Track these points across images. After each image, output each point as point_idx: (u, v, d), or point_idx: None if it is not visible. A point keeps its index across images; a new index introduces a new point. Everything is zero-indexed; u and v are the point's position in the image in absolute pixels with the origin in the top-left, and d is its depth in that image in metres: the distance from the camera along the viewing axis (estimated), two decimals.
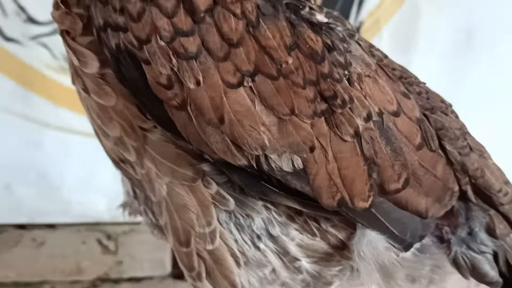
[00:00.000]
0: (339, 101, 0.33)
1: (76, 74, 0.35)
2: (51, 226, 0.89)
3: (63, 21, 0.33)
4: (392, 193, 0.36)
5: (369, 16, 0.85)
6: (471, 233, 0.41)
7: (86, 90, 0.34)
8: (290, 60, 0.32)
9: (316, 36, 0.33)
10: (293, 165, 0.34)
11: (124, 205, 0.47)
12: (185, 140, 0.33)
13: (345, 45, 0.34)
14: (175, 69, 0.31)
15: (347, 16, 0.84)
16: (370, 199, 0.36)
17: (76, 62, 0.33)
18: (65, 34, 0.33)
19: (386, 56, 0.41)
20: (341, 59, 0.34)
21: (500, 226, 0.41)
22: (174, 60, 0.31)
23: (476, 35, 0.87)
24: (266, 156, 0.33)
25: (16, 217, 0.86)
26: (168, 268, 0.92)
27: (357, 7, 0.85)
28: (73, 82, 0.37)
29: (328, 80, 0.33)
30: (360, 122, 0.34)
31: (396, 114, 0.36)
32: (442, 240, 0.41)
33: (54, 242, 0.89)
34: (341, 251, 0.39)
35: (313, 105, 0.33)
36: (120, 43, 0.30)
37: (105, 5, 0.30)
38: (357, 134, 0.34)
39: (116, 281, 0.92)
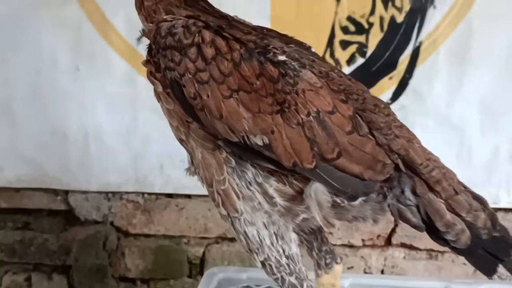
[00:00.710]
0: (287, 104, 0.55)
1: (155, 92, 0.62)
2: (188, 196, 1.21)
3: (147, 65, 0.61)
4: (330, 160, 0.56)
5: (427, 37, 1.04)
6: (402, 191, 0.59)
7: (159, 99, 0.61)
8: (258, 83, 0.54)
9: (274, 68, 0.55)
10: (263, 142, 0.56)
11: (187, 169, 0.69)
12: (205, 127, 0.57)
13: (295, 72, 0.55)
14: (197, 89, 0.55)
15: (408, 38, 1.05)
16: (314, 163, 0.56)
17: (153, 86, 0.61)
18: (148, 72, 0.61)
19: (341, 76, 0.61)
20: (290, 81, 0.55)
21: (421, 188, 0.58)
22: (196, 85, 0.55)
23: None
24: (248, 136, 0.56)
25: (166, 189, 1.20)
26: None
27: (417, 30, 1.05)
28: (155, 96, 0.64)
29: (281, 93, 0.55)
30: (302, 117, 0.55)
31: (331, 112, 0.56)
32: (384, 196, 0.59)
33: (190, 208, 1.23)
34: (300, 195, 0.59)
35: (271, 107, 0.55)
36: (172, 76, 0.56)
37: (164, 57, 0.57)
38: (299, 124, 0.55)
39: (231, 239, 1.24)
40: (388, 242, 1.15)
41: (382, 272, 1.16)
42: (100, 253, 1.25)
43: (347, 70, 1.07)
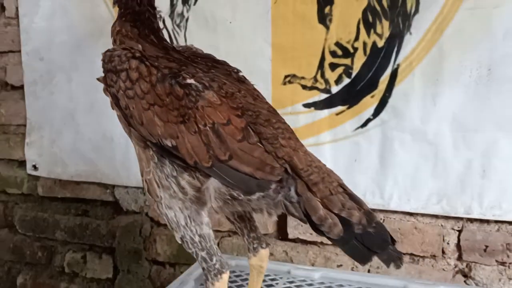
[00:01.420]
0: (187, 117, 0.71)
1: (110, 102, 0.80)
2: None
3: (102, 82, 0.79)
4: (224, 161, 0.71)
5: (404, 60, 1.16)
6: (289, 190, 0.72)
7: (113, 108, 0.79)
8: (167, 99, 0.72)
9: (181, 89, 0.72)
10: (172, 144, 0.72)
11: None
12: (137, 131, 0.75)
13: (198, 92, 0.71)
14: (127, 102, 0.74)
15: (388, 61, 1.18)
16: (210, 163, 0.71)
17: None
18: (104, 88, 0.80)
19: (246, 96, 0.76)
20: (192, 99, 0.72)
21: (301, 188, 0.71)
22: (126, 99, 0.74)
23: (496, 70, 1.09)
24: (161, 139, 0.73)
25: None
26: (270, 229, 1.38)
27: (395, 54, 1.17)
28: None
29: (184, 108, 0.72)
30: (200, 127, 0.71)
31: (225, 124, 0.71)
32: (278, 193, 0.73)
33: None
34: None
35: (176, 118, 0.72)
36: (112, 92, 0.76)
37: (107, 78, 0.76)
38: (197, 132, 0.71)
39: None
40: None
41: (369, 271, 1.28)
42: (136, 239, 1.52)
43: (335, 88, 1.23)
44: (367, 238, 0.71)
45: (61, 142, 1.54)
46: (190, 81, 0.74)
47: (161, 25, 0.90)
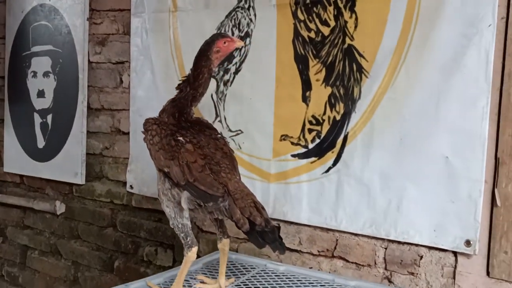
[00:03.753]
0: (175, 156, 1.34)
1: None
2: None
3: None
4: (191, 182, 1.28)
5: (351, 130, 1.76)
6: (225, 202, 1.27)
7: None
8: (166, 147, 1.34)
9: (174, 142, 1.32)
10: (167, 170, 1.32)
11: None
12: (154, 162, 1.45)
13: (182, 144, 1.34)
14: (149, 147, 1.39)
15: (342, 129, 1.79)
16: (184, 182, 1.29)
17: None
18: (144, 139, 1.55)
19: (210, 148, 1.39)
20: (179, 147, 1.34)
21: (230, 201, 1.26)
22: (149, 145, 1.39)
23: (405, 140, 1.65)
24: (162, 167, 1.33)
25: None
26: None
27: (346, 125, 1.78)
28: None
29: (173, 152, 1.33)
30: (180, 162, 1.33)
31: (193, 162, 1.32)
32: (221, 203, 1.27)
33: None
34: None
35: (170, 156, 1.31)
36: (145, 141, 1.47)
37: (143, 134, 1.50)
38: (178, 165, 1.31)
39: None
40: (332, 255, 1.86)
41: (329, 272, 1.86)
42: None
43: (311, 145, 1.87)
44: (264, 234, 1.22)
45: (148, 171, 2.35)
46: (180, 138, 1.39)
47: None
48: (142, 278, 1.56)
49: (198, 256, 2.19)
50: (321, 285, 1.56)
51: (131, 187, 2.43)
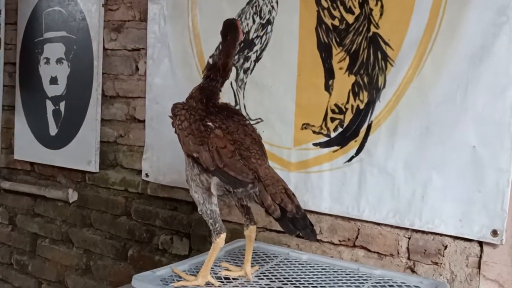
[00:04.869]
0: (204, 142, 1.34)
1: None
2: None
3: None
4: (221, 168, 1.28)
5: (375, 118, 1.77)
6: (255, 188, 1.25)
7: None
8: (196, 132, 1.33)
9: (203, 127, 1.31)
10: (196, 156, 1.31)
11: None
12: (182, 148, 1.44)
13: (212, 129, 1.34)
14: (178, 132, 1.38)
15: (365, 119, 1.80)
16: (213, 168, 1.28)
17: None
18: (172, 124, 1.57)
19: (239, 134, 1.38)
20: (208, 133, 1.35)
21: (261, 187, 1.28)
22: (177, 130, 1.40)
23: (431, 129, 1.66)
24: (191, 152, 1.32)
25: None
26: None
27: (370, 114, 1.79)
28: None
29: (203, 137, 1.34)
30: (210, 148, 1.34)
31: (223, 148, 1.33)
32: (251, 189, 1.31)
33: None
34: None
35: (199, 141, 1.31)
36: (173, 126, 1.47)
37: (171, 118, 1.47)
38: (207, 150, 1.29)
39: (270, 230, 2.11)
40: (354, 244, 1.88)
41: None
42: (204, 228, 2.27)
43: (333, 134, 1.88)
44: (295, 220, 1.24)
45: (164, 159, 2.37)
46: (209, 123, 1.35)
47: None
48: (167, 265, 1.57)
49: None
50: (346, 274, 1.58)
51: (147, 175, 2.44)
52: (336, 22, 1.86)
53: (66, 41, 2.70)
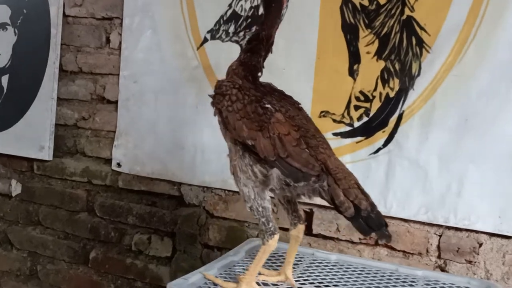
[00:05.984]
0: (263, 127, 1.15)
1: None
2: None
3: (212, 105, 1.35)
4: (283, 158, 1.10)
5: (408, 108, 1.69)
6: (323, 181, 1.10)
7: (219, 123, 1.30)
8: (252, 115, 1.15)
9: (261, 109, 1.14)
10: (251, 143, 1.12)
11: None
12: (231, 133, 1.19)
13: (271, 112, 1.16)
14: (227, 115, 1.18)
15: (396, 107, 1.71)
16: (274, 158, 1.11)
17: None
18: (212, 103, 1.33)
19: (301, 119, 1.22)
20: (268, 116, 1.16)
21: (330, 181, 1.12)
22: (227, 113, 1.19)
23: (471, 121, 1.62)
24: (245, 140, 1.13)
25: None
26: None
27: (402, 103, 1.70)
28: None
29: (261, 121, 1.13)
30: (270, 134, 1.16)
31: (286, 134, 1.16)
32: (315, 183, 1.12)
33: None
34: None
35: (256, 127, 1.13)
36: (218, 108, 1.23)
37: (215, 99, 1.25)
38: (267, 137, 1.11)
39: None
40: (376, 242, 1.78)
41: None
42: (194, 226, 2.05)
43: (357, 124, 1.77)
44: (369, 219, 1.09)
45: (142, 146, 2.10)
46: (268, 105, 1.18)
47: None
48: (196, 270, 1.35)
49: (218, 247, 2.00)
50: (388, 276, 1.47)
51: (119, 165, 2.16)
52: (366, 2, 1.74)
53: (13, 3, 2.30)
